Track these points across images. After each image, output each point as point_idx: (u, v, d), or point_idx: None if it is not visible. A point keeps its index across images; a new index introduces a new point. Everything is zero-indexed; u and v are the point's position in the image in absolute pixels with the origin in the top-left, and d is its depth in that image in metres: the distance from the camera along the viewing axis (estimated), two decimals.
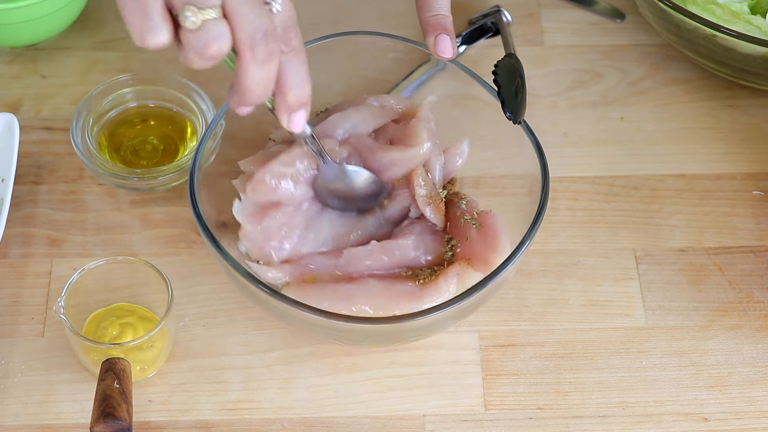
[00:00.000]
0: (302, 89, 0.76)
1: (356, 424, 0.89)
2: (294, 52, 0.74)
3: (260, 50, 0.71)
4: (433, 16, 0.89)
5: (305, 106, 0.77)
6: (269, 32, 0.71)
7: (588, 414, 0.90)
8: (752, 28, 1.01)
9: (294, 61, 0.74)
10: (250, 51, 0.71)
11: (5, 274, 0.95)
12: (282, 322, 0.88)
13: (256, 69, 0.72)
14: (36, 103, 1.07)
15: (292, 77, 0.75)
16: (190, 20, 0.69)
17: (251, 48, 0.71)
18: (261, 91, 0.73)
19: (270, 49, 0.71)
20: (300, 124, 0.78)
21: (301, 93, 0.76)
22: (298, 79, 0.75)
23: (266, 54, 0.71)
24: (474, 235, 0.88)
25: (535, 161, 0.89)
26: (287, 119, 0.77)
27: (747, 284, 0.97)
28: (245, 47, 0.71)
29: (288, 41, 0.74)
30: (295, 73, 0.75)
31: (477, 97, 0.94)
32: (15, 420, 0.88)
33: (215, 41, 0.70)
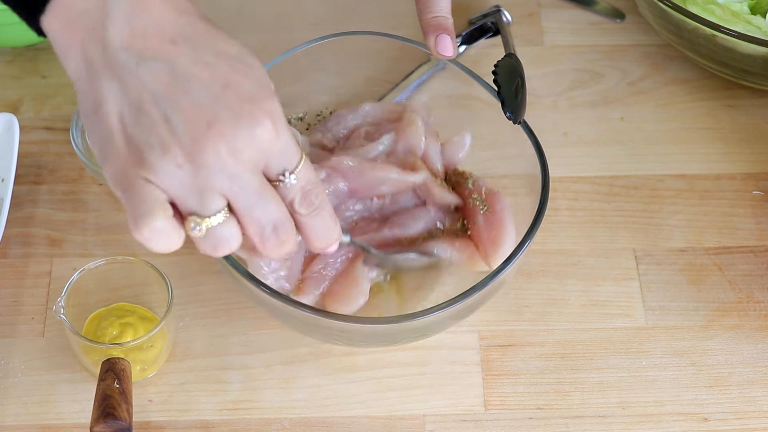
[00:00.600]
0: (328, 238, 0.74)
1: (356, 424, 0.89)
2: (316, 211, 0.72)
3: (271, 243, 0.70)
4: (433, 17, 0.90)
5: (334, 245, 0.76)
6: (278, 224, 0.70)
7: (588, 414, 0.90)
8: (752, 28, 1.01)
9: (317, 219, 0.73)
10: (261, 245, 0.70)
11: (5, 274, 0.95)
12: (282, 322, 0.88)
13: (271, 254, 0.71)
14: (36, 103, 1.07)
15: (316, 233, 0.73)
16: (195, 230, 0.68)
17: (262, 242, 0.70)
18: (281, 258, 0.74)
19: (281, 239, 0.71)
20: (333, 251, 0.77)
21: (327, 241, 0.75)
22: (322, 232, 0.74)
23: (277, 244, 0.71)
24: (481, 223, 0.89)
25: (535, 161, 0.89)
26: (320, 251, 0.77)
27: (747, 284, 0.97)
28: (257, 241, 0.70)
29: (308, 204, 0.72)
30: (319, 228, 0.73)
31: (477, 97, 0.94)
32: (15, 420, 0.88)
33: (223, 244, 0.69)
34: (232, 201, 0.68)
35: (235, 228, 0.69)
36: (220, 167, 0.66)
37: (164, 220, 0.67)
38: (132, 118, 0.67)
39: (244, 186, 0.68)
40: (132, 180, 0.67)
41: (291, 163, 0.70)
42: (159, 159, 0.66)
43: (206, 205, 0.67)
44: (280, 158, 0.69)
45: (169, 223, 0.67)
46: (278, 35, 1.11)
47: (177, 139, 0.66)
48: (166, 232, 0.67)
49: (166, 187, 0.67)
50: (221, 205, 0.68)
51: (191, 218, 0.68)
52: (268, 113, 0.67)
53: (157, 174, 0.66)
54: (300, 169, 0.70)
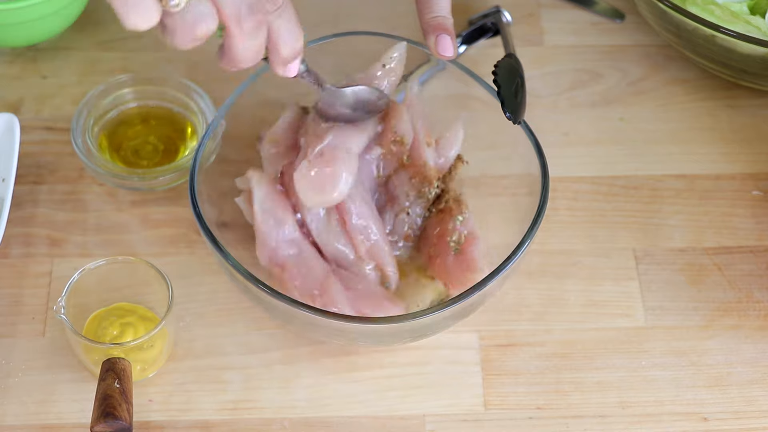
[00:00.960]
0: (294, 43, 0.76)
1: (356, 424, 0.89)
2: (281, 9, 0.74)
3: (247, 23, 0.72)
4: (433, 17, 0.90)
5: (299, 56, 0.78)
6: (253, 4, 0.72)
7: (588, 414, 0.90)
8: (752, 29, 1.01)
9: (283, 17, 0.75)
10: (237, 26, 0.72)
11: (6, 274, 0.96)
12: (282, 322, 0.88)
13: (245, 41, 0.73)
14: (36, 104, 1.07)
15: (283, 35, 0.75)
16: (173, 2, 0.69)
17: (238, 23, 0.72)
18: (251, 57, 0.74)
19: (257, 19, 0.72)
20: (294, 71, 0.79)
21: (293, 47, 0.76)
22: (289, 35, 0.76)
23: (253, 25, 0.72)
24: (450, 261, 0.89)
25: (535, 161, 0.89)
26: (282, 70, 0.78)
27: (747, 284, 0.97)
28: (232, 23, 0.71)
29: (273, 1, 0.74)
30: (285, 30, 0.75)
31: (477, 97, 0.94)
32: (15, 420, 0.88)
33: (201, 21, 0.70)
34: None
35: (212, 6, 0.70)
36: None
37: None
38: None
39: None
40: None
41: None
42: None
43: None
44: None
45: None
46: None
47: None
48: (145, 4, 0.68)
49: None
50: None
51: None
52: None
53: None
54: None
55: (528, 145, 0.89)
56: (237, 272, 0.83)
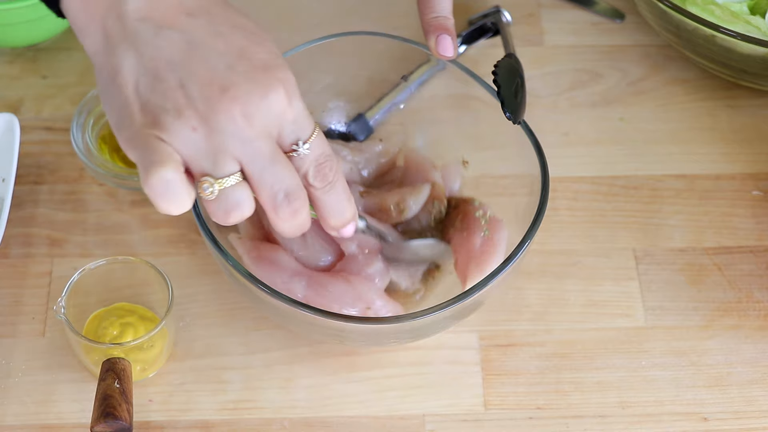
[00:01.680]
0: (343, 215, 0.75)
1: (356, 424, 0.89)
2: (330, 185, 0.73)
3: (283, 211, 0.70)
4: (434, 17, 0.90)
5: (351, 222, 0.76)
6: (291, 192, 0.70)
7: (588, 414, 0.90)
8: (752, 29, 1.01)
9: (331, 193, 0.73)
10: (273, 212, 0.70)
11: (6, 274, 0.96)
12: (282, 322, 0.88)
13: (283, 224, 0.71)
14: (36, 104, 1.07)
15: (331, 208, 0.74)
16: (207, 191, 0.68)
17: (274, 210, 0.70)
18: (294, 234, 0.73)
19: (294, 207, 0.70)
20: (349, 233, 0.77)
21: (342, 218, 0.75)
22: (338, 208, 0.74)
23: (290, 213, 0.71)
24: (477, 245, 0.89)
25: (535, 161, 0.89)
26: (336, 234, 0.77)
27: (747, 284, 0.97)
28: (269, 208, 0.70)
29: (323, 178, 0.72)
30: (333, 204, 0.74)
31: (477, 97, 0.94)
32: (15, 420, 0.88)
33: (234, 210, 0.69)
34: (244, 165, 0.69)
35: (248, 192, 0.69)
36: (233, 130, 0.67)
37: (175, 172, 0.67)
38: (148, 86, 0.68)
39: (257, 150, 0.68)
40: (146, 138, 0.67)
41: (304, 133, 0.70)
42: (174, 121, 0.67)
43: (219, 167, 0.68)
44: (293, 126, 0.70)
45: (180, 177, 0.67)
46: (278, 35, 1.10)
47: (192, 103, 0.67)
48: (176, 186, 0.67)
49: (179, 148, 0.67)
50: (234, 169, 0.68)
51: (204, 178, 0.68)
52: (281, 81, 0.69)
53: (171, 135, 0.67)
54: (314, 140, 0.71)
55: (528, 145, 0.89)
56: (237, 272, 0.83)
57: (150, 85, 0.68)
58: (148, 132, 0.67)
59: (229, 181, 0.69)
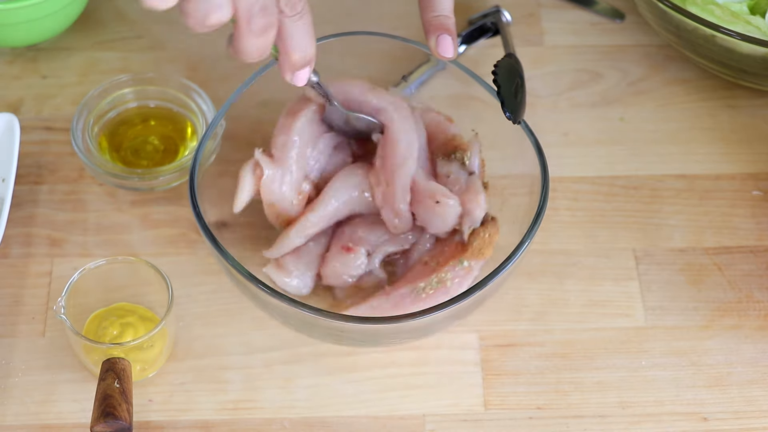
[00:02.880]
0: (306, 50, 0.77)
1: (356, 424, 0.89)
2: (298, 15, 0.75)
3: (256, 22, 0.73)
4: (435, 16, 0.89)
5: (309, 64, 0.79)
6: (267, 5, 0.72)
7: (588, 414, 0.90)
8: (752, 29, 1.01)
9: (298, 23, 0.76)
10: (246, 22, 0.73)
11: (6, 274, 0.96)
12: (282, 321, 0.88)
13: (251, 38, 0.73)
14: (36, 104, 1.07)
15: (296, 40, 0.76)
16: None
17: (247, 20, 0.72)
18: (256, 55, 0.75)
19: (266, 21, 0.73)
20: (303, 79, 0.80)
21: (304, 54, 0.78)
22: (303, 42, 0.77)
23: (262, 26, 0.73)
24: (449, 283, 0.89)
25: (535, 161, 0.89)
26: (291, 76, 0.79)
27: (747, 284, 0.97)
28: (242, 18, 0.72)
29: (292, 5, 0.75)
30: (299, 35, 0.76)
31: (477, 97, 0.94)
32: (16, 420, 0.88)
33: (215, 11, 0.71)
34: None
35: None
36: None
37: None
38: None
39: None
40: None
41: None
42: None
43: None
44: None
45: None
46: None
47: None
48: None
49: None
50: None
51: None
52: None
53: None
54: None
55: (528, 145, 0.89)
56: (237, 272, 0.83)
57: None
58: None
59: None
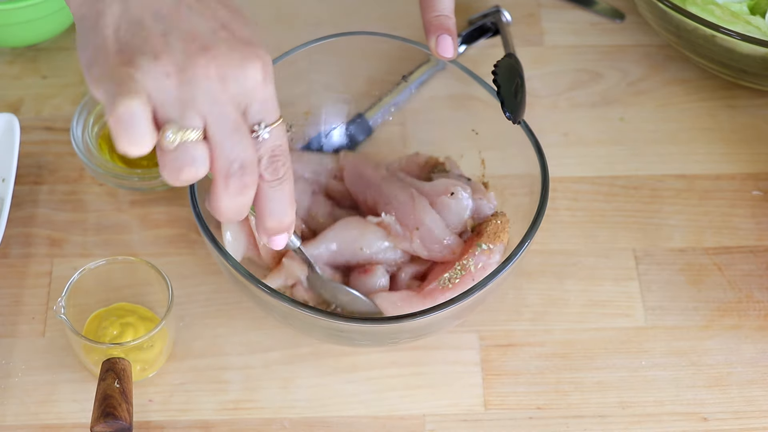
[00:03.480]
0: (282, 218, 0.74)
1: (356, 424, 0.89)
2: (278, 181, 0.72)
3: (233, 182, 0.69)
4: (435, 16, 0.89)
5: (286, 231, 0.75)
6: (246, 165, 0.69)
7: (588, 414, 0.90)
8: (752, 29, 1.01)
9: (277, 190, 0.72)
10: (223, 181, 0.69)
11: (6, 274, 0.96)
12: (282, 322, 0.88)
13: (227, 199, 0.70)
14: (36, 104, 1.07)
15: (272, 206, 0.73)
16: (168, 139, 0.67)
17: (225, 179, 0.69)
18: (233, 215, 0.72)
19: (244, 182, 0.69)
20: (280, 245, 0.76)
21: (280, 222, 0.74)
22: (279, 209, 0.73)
23: (239, 187, 0.69)
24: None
25: (535, 161, 0.89)
26: (266, 240, 0.76)
27: (747, 284, 0.97)
28: (219, 176, 0.69)
29: (274, 170, 0.71)
30: (276, 202, 0.73)
31: (477, 97, 0.94)
32: (16, 420, 0.88)
33: (189, 166, 0.68)
34: (209, 126, 0.68)
35: (206, 154, 0.68)
36: (206, 87, 0.67)
37: (143, 105, 0.66)
38: (129, 30, 0.68)
39: (224, 113, 0.68)
40: (118, 74, 0.67)
41: (270, 117, 0.70)
42: (149, 63, 0.66)
43: (185, 118, 0.67)
44: (260, 107, 0.69)
45: (146, 113, 0.66)
46: (278, 35, 1.11)
47: (170, 51, 0.67)
48: (141, 121, 0.66)
49: (150, 89, 0.66)
50: (199, 124, 0.68)
51: (169, 125, 0.67)
52: (260, 58, 0.69)
53: (144, 75, 0.66)
54: (276, 127, 0.71)
55: (528, 145, 0.89)
56: (237, 272, 0.83)
57: (132, 30, 0.68)
58: (122, 69, 0.67)
59: (191, 135, 0.67)
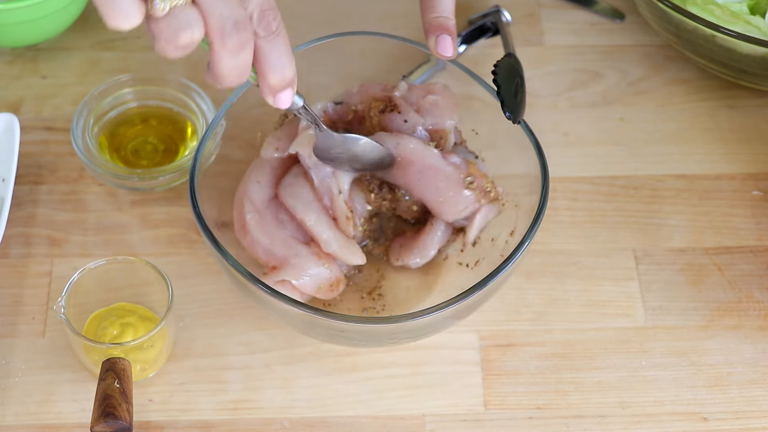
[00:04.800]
0: (284, 71, 0.75)
1: (356, 424, 0.89)
2: (273, 35, 0.73)
3: (231, 41, 0.70)
4: (435, 17, 0.89)
5: (290, 86, 0.76)
6: (240, 22, 0.70)
7: (588, 414, 0.90)
8: (751, 29, 1.01)
9: (274, 43, 0.73)
10: (220, 41, 0.70)
11: (6, 274, 0.96)
12: (282, 321, 0.88)
13: (227, 58, 0.71)
14: (36, 104, 1.07)
15: (273, 60, 0.74)
16: (158, 6, 0.67)
17: (221, 38, 0.70)
18: (235, 77, 0.72)
19: (241, 38, 0.70)
20: (286, 102, 0.76)
21: (283, 75, 0.75)
22: (280, 62, 0.74)
23: (237, 44, 0.70)
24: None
25: (535, 161, 0.89)
26: (272, 99, 0.76)
27: (747, 284, 0.97)
28: (216, 37, 0.70)
29: (266, 25, 0.72)
30: (275, 56, 0.74)
31: (477, 97, 0.94)
32: (16, 420, 0.88)
33: (185, 29, 0.68)
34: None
35: (197, 16, 0.69)
36: None
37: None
38: None
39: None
40: None
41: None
42: None
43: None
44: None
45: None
46: None
47: None
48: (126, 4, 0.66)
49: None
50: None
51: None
52: None
53: None
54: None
55: (528, 145, 0.89)
56: (237, 272, 0.83)
57: None
58: None
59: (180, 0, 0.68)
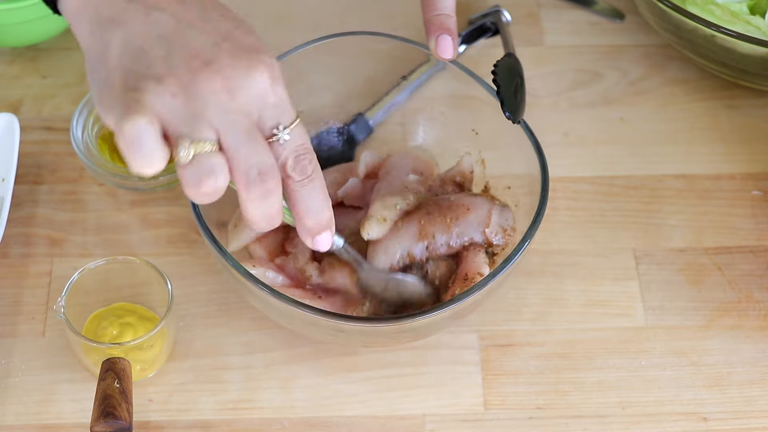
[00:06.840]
0: (320, 214, 0.73)
1: (356, 424, 0.89)
2: (308, 179, 0.71)
3: (255, 189, 0.69)
4: (436, 15, 0.89)
5: (328, 228, 0.74)
6: (265, 170, 0.69)
7: (588, 414, 0.90)
8: (751, 29, 1.01)
9: (310, 188, 0.72)
10: (245, 190, 0.69)
11: (6, 274, 0.96)
12: (282, 321, 0.88)
13: (252, 207, 0.70)
14: (36, 103, 1.07)
15: (308, 205, 0.72)
16: (183, 152, 0.67)
17: (246, 187, 0.69)
18: (264, 223, 0.71)
19: (266, 188, 0.69)
20: (325, 245, 0.75)
21: (318, 218, 0.73)
22: (315, 206, 0.73)
23: (261, 193, 0.69)
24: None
25: (535, 161, 0.89)
26: (311, 242, 0.75)
27: (746, 284, 0.97)
28: (240, 185, 0.69)
29: (302, 170, 0.71)
30: (311, 200, 0.72)
31: (477, 97, 0.94)
32: (16, 420, 0.88)
33: (209, 176, 0.67)
34: (222, 137, 0.68)
35: (223, 162, 0.68)
36: (213, 101, 0.67)
37: (149, 123, 0.66)
38: (133, 57, 0.68)
39: (235, 122, 0.68)
40: (125, 100, 0.67)
41: (286, 118, 0.70)
42: (154, 86, 0.67)
43: (197, 131, 0.67)
44: (274, 111, 0.69)
45: (154, 130, 0.66)
46: (278, 35, 1.11)
47: (174, 72, 0.67)
48: (150, 138, 0.66)
49: (158, 110, 0.67)
50: (212, 136, 0.68)
51: (182, 140, 0.67)
52: (266, 64, 0.69)
53: (151, 97, 0.66)
54: (295, 127, 0.70)
55: (528, 145, 0.89)
56: (237, 272, 0.83)
57: (135, 56, 0.68)
58: (128, 95, 0.67)
59: (205, 146, 0.67)
